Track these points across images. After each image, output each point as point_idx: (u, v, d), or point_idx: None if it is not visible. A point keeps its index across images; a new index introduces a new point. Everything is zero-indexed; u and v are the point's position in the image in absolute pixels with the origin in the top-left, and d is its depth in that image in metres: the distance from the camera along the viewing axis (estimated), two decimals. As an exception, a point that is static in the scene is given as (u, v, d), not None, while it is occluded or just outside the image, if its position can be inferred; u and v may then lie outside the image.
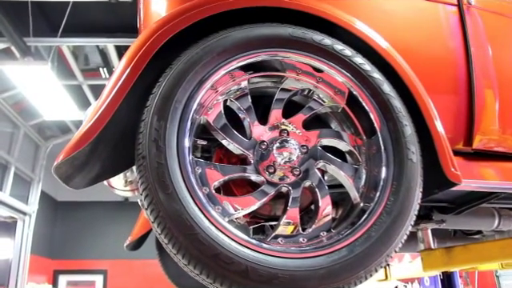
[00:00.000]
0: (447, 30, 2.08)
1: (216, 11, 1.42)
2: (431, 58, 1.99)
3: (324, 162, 1.43)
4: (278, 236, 1.31)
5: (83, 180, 1.54)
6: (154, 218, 1.19)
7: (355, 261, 1.25)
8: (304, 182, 1.39)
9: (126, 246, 3.27)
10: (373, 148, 1.48)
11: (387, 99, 1.48)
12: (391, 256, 1.33)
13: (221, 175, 1.32)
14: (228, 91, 1.41)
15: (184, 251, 1.16)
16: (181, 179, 1.21)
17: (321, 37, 1.50)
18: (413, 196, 1.39)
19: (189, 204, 1.19)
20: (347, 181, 1.43)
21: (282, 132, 1.42)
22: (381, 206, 1.36)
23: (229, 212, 1.28)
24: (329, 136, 1.48)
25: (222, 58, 1.38)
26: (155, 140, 1.23)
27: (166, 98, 1.28)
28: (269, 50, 1.44)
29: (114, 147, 1.49)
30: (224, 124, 1.37)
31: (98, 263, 12.32)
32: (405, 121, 1.48)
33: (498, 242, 2.33)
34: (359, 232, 1.31)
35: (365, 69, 1.50)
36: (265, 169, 1.36)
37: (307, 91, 1.53)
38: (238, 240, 1.19)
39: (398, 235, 1.33)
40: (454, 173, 1.51)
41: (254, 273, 1.15)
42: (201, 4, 1.42)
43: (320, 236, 1.35)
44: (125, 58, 1.37)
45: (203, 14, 1.41)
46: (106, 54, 8.08)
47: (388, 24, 1.90)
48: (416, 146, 1.47)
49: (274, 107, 1.45)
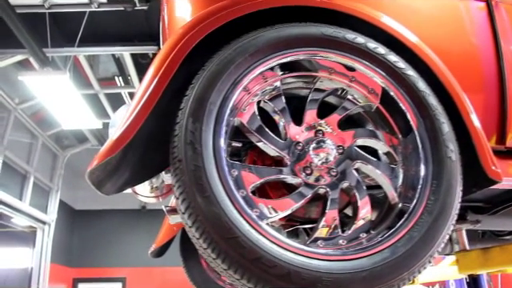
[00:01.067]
0: (476, 26, 2.05)
1: (247, 11, 1.41)
2: (461, 55, 1.96)
3: (361, 163, 1.40)
4: (318, 239, 1.29)
5: (113, 186, 1.53)
6: (192, 222, 1.17)
7: (398, 262, 1.22)
8: (341, 182, 1.36)
9: (150, 253, 3.27)
10: (409, 147, 1.44)
11: (423, 97, 1.45)
12: (434, 257, 1.29)
13: (257, 177, 1.30)
14: (261, 92, 1.40)
15: (224, 255, 1.14)
16: (218, 182, 1.19)
17: (353, 35, 1.47)
18: (453, 195, 1.36)
19: (227, 207, 1.16)
20: (385, 181, 1.40)
21: (317, 132, 1.40)
22: (421, 206, 1.33)
23: (266, 215, 1.26)
24: (364, 136, 1.46)
25: (255, 58, 1.36)
26: (191, 142, 1.21)
27: (200, 99, 1.27)
28: (301, 49, 1.42)
29: (142, 153, 1.48)
30: (259, 125, 1.35)
31: (117, 271, 12.36)
32: (442, 118, 1.45)
33: (538, 242, 2.28)
34: (401, 233, 1.28)
35: (399, 66, 1.48)
36: (301, 170, 1.34)
37: (340, 91, 1.51)
38: (280, 243, 1.17)
39: (441, 235, 1.30)
40: (494, 170, 1.47)
41: (297, 276, 1.13)
42: (231, 5, 1.40)
43: (359, 238, 1.32)
44: (155, 62, 1.36)
45: (234, 14, 1.39)
46: (121, 62, 8.13)
47: (417, 21, 1.87)
48: (454, 143, 1.44)
49: (308, 107, 1.43)
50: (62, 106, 7.25)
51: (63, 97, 6.89)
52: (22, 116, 8.89)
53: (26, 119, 9.06)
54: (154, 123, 1.37)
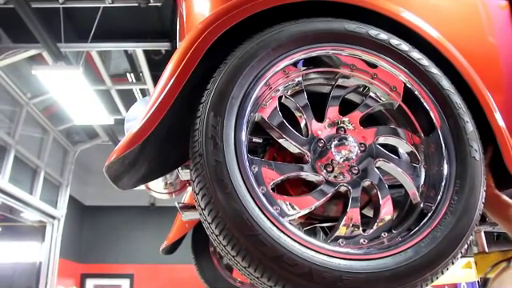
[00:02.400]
0: (498, 25, 2.02)
1: (266, 6, 1.39)
2: (482, 54, 1.93)
3: (382, 160, 1.38)
4: (339, 237, 1.27)
5: (130, 180, 1.52)
6: (213, 218, 1.15)
7: (421, 262, 1.20)
8: (363, 180, 1.34)
9: (162, 249, 3.27)
10: (432, 146, 1.42)
11: (447, 95, 1.43)
12: (458, 258, 1.27)
13: (278, 174, 1.28)
14: (283, 87, 1.38)
15: (244, 253, 1.12)
16: (240, 178, 1.17)
17: (376, 31, 1.45)
18: (477, 195, 1.34)
19: (249, 204, 1.15)
20: (407, 179, 1.38)
21: (339, 129, 1.38)
22: (445, 206, 1.30)
23: (287, 212, 1.24)
24: (386, 133, 1.43)
25: (278, 53, 1.34)
26: (212, 137, 1.20)
27: (222, 93, 1.25)
28: (324, 44, 1.40)
29: (160, 147, 1.47)
30: (280, 121, 1.33)
31: (125, 267, 12.39)
32: (466, 117, 1.42)
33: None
34: (424, 233, 1.26)
35: (423, 64, 1.45)
36: (322, 167, 1.32)
37: (362, 88, 1.49)
38: (301, 241, 1.15)
39: (464, 236, 1.28)
40: (519, 170, 1.44)
41: (318, 275, 1.11)
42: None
43: (381, 237, 1.30)
44: (175, 56, 1.35)
45: (255, 8, 1.37)
46: (133, 59, 8.14)
47: (438, 19, 1.84)
48: (478, 143, 1.42)
49: (330, 104, 1.41)
50: (74, 101, 7.29)
51: (75, 92, 6.93)
52: (34, 111, 8.95)
53: (37, 114, 9.12)
54: (172, 118, 1.36)
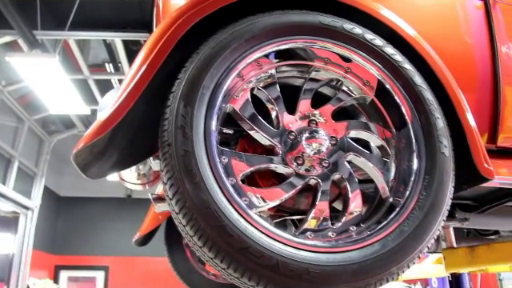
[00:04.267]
0: (473, 24, 2.04)
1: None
2: (456, 52, 1.95)
3: (353, 154, 1.38)
4: (307, 230, 1.27)
5: (100, 169, 1.50)
6: (180, 208, 1.14)
7: (388, 256, 1.21)
8: (333, 174, 1.34)
9: (135, 241, 3.23)
10: (402, 141, 1.43)
11: (419, 91, 1.44)
12: (423, 252, 1.28)
13: (248, 166, 1.27)
14: (256, 79, 1.37)
15: (211, 244, 1.11)
16: (208, 168, 1.17)
17: (351, 25, 1.45)
18: (445, 191, 1.35)
19: (217, 194, 1.14)
20: (377, 174, 1.39)
21: (310, 122, 1.38)
22: (413, 201, 1.31)
23: (256, 204, 1.23)
24: (358, 128, 1.44)
25: (251, 44, 1.33)
26: (182, 127, 1.18)
27: (193, 83, 1.24)
28: (298, 37, 1.40)
29: (131, 136, 1.45)
30: (252, 113, 1.32)
31: (100, 259, 12.28)
32: (437, 114, 1.43)
33: (525, 241, 2.29)
34: (391, 227, 1.27)
35: (396, 59, 1.46)
36: (293, 160, 1.32)
37: (335, 82, 1.49)
38: (268, 233, 1.15)
39: (431, 231, 1.29)
40: (486, 168, 1.47)
41: (284, 267, 1.11)
42: None
43: (349, 230, 1.30)
44: (147, 44, 1.33)
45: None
46: (112, 49, 8.04)
47: (413, 16, 1.85)
48: (448, 139, 1.43)
49: (303, 97, 1.41)
50: (50, 90, 7.15)
51: (51, 81, 6.80)
52: (9, 99, 8.76)
53: (12, 102, 8.93)
54: (145, 107, 1.34)
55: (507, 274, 9.96)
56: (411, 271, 4.16)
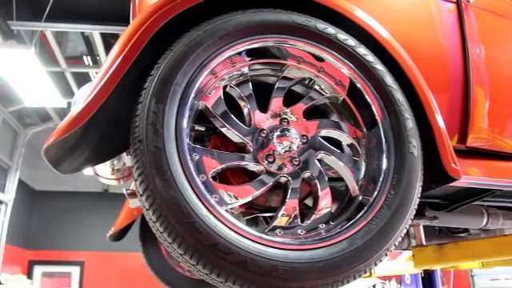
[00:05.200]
0: (445, 26, 2.08)
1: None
2: (428, 54, 1.98)
3: (324, 153, 1.40)
4: (277, 227, 1.28)
5: (72, 165, 1.49)
6: (150, 204, 1.14)
7: (355, 254, 1.23)
8: (303, 172, 1.35)
9: (109, 236, 3.22)
10: (373, 140, 1.45)
11: (390, 92, 1.46)
12: (391, 250, 1.31)
13: (219, 163, 1.28)
14: (228, 77, 1.37)
15: (180, 240, 1.12)
16: (179, 165, 1.17)
17: (324, 25, 1.46)
18: (413, 190, 1.37)
19: (187, 191, 1.14)
20: (347, 172, 1.41)
21: (282, 121, 1.39)
22: (381, 199, 1.33)
23: (226, 201, 1.24)
24: (329, 126, 1.45)
25: (224, 41, 1.33)
26: (153, 123, 1.18)
27: (165, 80, 1.24)
28: (271, 36, 1.40)
29: (105, 132, 1.44)
30: (224, 110, 1.32)
31: (75, 254, 12.16)
32: (407, 114, 1.46)
33: (489, 240, 2.35)
34: (359, 225, 1.28)
35: (368, 60, 1.48)
36: (264, 158, 1.33)
37: (308, 80, 1.50)
38: (238, 230, 1.16)
39: (398, 229, 1.31)
40: (454, 168, 1.50)
41: (253, 264, 1.12)
42: None
43: (318, 228, 1.32)
44: (121, 39, 1.32)
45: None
46: (90, 41, 7.94)
47: (386, 17, 1.88)
48: (417, 139, 1.45)
49: (275, 95, 1.42)
50: (26, 81, 7.03)
51: (27, 72, 6.68)
52: (-17, 90, 8.60)
53: (-14, 94, 8.77)
54: (119, 102, 1.33)
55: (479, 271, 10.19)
56: (385, 268, 4.23)
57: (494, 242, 2.25)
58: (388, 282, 9.03)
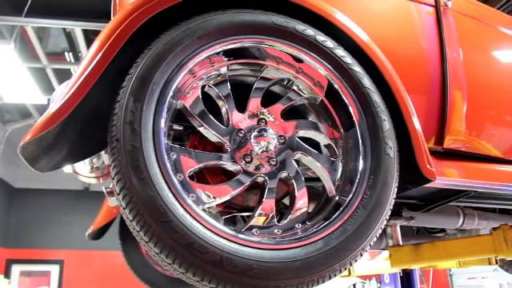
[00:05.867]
0: (423, 29, 2.10)
1: None
2: (407, 56, 2.01)
3: (301, 154, 1.42)
4: (253, 227, 1.29)
5: (49, 163, 1.48)
6: (126, 203, 1.14)
7: (331, 254, 1.24)
8: (280, 172, 1.36)
9: (88, 234, 3.19)
10: (350, 141, 1.47)
11: (367, 93, 1.48)
12: (366, 250, 1.32)
13: (196, 162, 1.28)
14: (207, 76, 1.38)
15: (156, 239, 1.12)
16: (156, 164, 1.17)
17: (304, 27, 1.47)
18: (389, 191, 1.39)
19: (163, 190, 1.15)
20: (324, 173, 1.42)
21: (260, 121, 1.40)
22: (357, 200, 1.35)
23: (203, 200, 1.25)
24: (306, 127, 1.47)
25: (203, 41, 1.34)
26: (130, 122, 1.18)
27: (143, 79, 1.24)
28: (250, 36, 1.41)
29: (83, 130, 1.43)
30: (202, 110, 1.33)
31: (55, 253, 12.00)
32: (383, 116, 1.48)
33: (464, 240, 2.39)
34: (335, 225, 1.30)
35: (346, 61, 1.49)
36: (241, 157, 1.34)
37: (286, 81, 1.51)
38: (214, 229, 1.16)
39: (374, 229, 1.33)
40: (429, 169, 1.52)
41: (228, 263, 1.13)
42: None
43: (295, 228, 1.33)
44: (100, 37, 1.32)
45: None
46: (72, 38, 7.84)
47: (364, 18, 1.90)
48: (393, 141, 1.47)
49: (253, 96, 1.42)
50: (5, 77, 6.92)
51: (7, 68, 6.58)
52: (-39, 86, 8.43)
53: (-36, 89, 8.59)
54: (97, 100, 1.33)
55: (457, 270, 10.36)
56: (364, 267, 4.28)
57: (469, 242, 2.30)
58: (368, 281, 9.12)
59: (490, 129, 2.25)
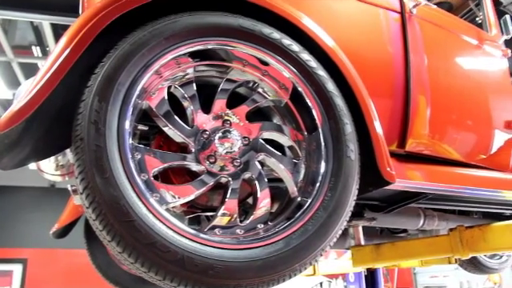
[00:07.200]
0: (389, 35, 2.16)
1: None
2: (372, 61, 2.06)
3: (264, 155, 1.44)
4: (216, 227, 1.31)
5: (12, 160, 1.46)
6: (90, 202, 1.15)
7: (291, 254, 1.27)
8: (244, 173, 1.39)
9: (53, 233, 3.14)
10: (313, 144, 1.50)
11: (330, 97, 1.51)
12: (326, 250, 1.36)
13: (160, 162, 1.30)
14: (173, 77, 1.39)
15: (119, 238, 1.13)
16: (119, 164, 1.18)
17: (270, 30, 1.50)
18: (349, 193, 1.43)
19: (126, 190, 1.15)
20: (286, 175, 1.45)
21: (224, 122, 1.41)
22: (318, 201, 1.38)
23: (167, 200, 1.26)
24: (271, 129, 1.49)
25: (170, 42, 1.34)
26: (95, 122, 1.19)
27: (108, 79, 1.24)
28: (217, 38, 1.43)
29: (48, 127, 1.42)
30: (167, 110, 1.34)
31: (17, 252, 11.70)
32: (346, 119, 1.51)
33: (423, 240, 2.46)
34: (296, 225, 1.33)
35: (311, 65, 1.52)
36: (205, 158, 1.35)
37: (252, 83, 1.54)
38: (175, 229, 1.18)
39: (334, 230, 1.37)
40: (389, 172, 1.56)
41: (189, 262, 1.14)
42: None
43: (257, 228, 1.35)
44: (67, 34, 1.31)
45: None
46: (40, 31, 7.67)
47: (331, 24, 1.93)
48: (355, 144, 1.51)
49: (218, 97, 1.44)
50: (-32, 71, 6.72)
51: (-30, 62, 6.39)
52: None
53: None
54: (63, 97, 1.32)
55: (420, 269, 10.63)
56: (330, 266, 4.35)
57: (427, 242, 2.37)
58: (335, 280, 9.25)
59: (452, 133, 2.32)
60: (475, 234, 2.24)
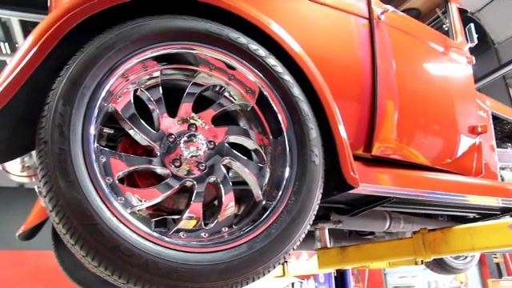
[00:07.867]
0: (357, 40, 2.19)
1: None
2: (339, 66, 2.08)
3: (230, 159, 1.45)
4: (180, 230, 1.31)
5: (-25, 162, 1.44)
6: (53, 206, 1.14)
7: (254, 257, 1.29)
8: (209, 177, 1.40)
9: (19, 235, 3.08)
10: (278, 148, 1.52)
11: (296, 102, 1.53)
12: (289, 253, 1.38)
13: (126, 165, 1.30)
14: (139, 81, 1.39)
15: (82, 242, 1.13)
16: (83, 167, 1.17)
17: (237, 35, 1.51)
18: (313, 197, 1.45)
19: (90, 193, 1.15)
20: (251, 178, 1.46)
21: (190, 126, 1.42)
22: (282, 205, 1.40)
23: (131, 203, 1.26)
24: (236, 133, 1.50)
25: (137, 46, 1.35)
26: (59, 125, 1.18)
27: (73, 82, 1.23)
28: (184, 42, 1.43)
29: (12, 129, 1.41)
30: (132, 114, 1.34)
31: (-17, 253, 11.42)
32: (311, 124, 1.53)
33: (387, 243, 2.51)
34: (260, 229, 1.35)
35: (277, 70, 1.54)
36: (171, 162, 1.36)
37: (219, 87, 1.55)
38: (139, 232, 1.18)
39: (297, 234, 1.39)
40: (352, 176, 1.59)
41: (153, 266, 1.15)
42: None
43: (222, 231, 1.37)
44: (33, 34, 1.29)
45: None
46: (8, 28, 7.52)
47: (298, 29, 1.95)
48: (320, 148, 1.53)
49: (185, 101, 1.45)
50: None
51: None
52: None
53: None
54: (28, 98, 1.31)
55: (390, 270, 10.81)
56: (300, 267, 4.38)
57: (391, 244, 2.43)
58: (306, 280, 9.32)
59: (418, 137, 2.37)
60: (437, 237, 2.30)
